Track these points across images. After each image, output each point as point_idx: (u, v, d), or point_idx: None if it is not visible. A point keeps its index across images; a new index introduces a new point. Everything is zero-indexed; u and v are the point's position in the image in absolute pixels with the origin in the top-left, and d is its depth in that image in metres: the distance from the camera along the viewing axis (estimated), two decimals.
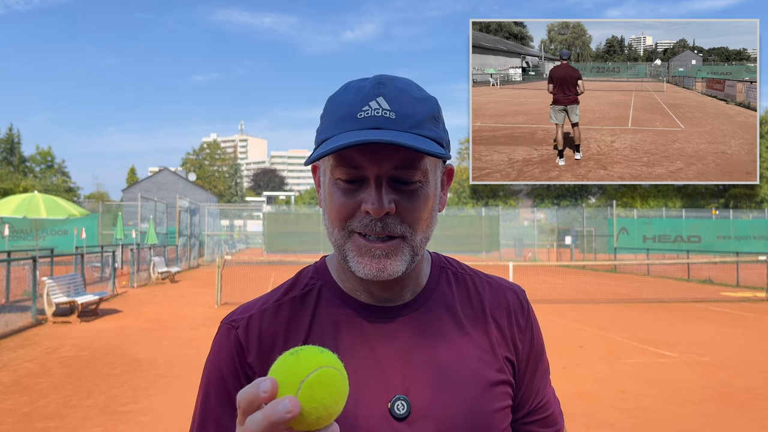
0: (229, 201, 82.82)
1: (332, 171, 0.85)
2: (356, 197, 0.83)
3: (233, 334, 0.90)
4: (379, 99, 0.83)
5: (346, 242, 0.86)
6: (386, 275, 0.84)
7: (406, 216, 0.84)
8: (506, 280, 1.02)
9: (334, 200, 0.85)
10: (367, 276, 0.84)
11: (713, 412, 5.55)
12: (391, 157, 0.82)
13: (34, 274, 11.02)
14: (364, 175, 0.83)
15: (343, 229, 0.85)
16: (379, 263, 0.83)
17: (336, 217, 0.85)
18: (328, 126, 0.85)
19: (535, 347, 0.99)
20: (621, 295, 15.85)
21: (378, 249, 0.83)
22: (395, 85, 0.85)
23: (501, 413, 0.90)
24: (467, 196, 58.06)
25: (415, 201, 0.84)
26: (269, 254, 29.17)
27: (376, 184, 0.82)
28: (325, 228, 0.90)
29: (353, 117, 0.82)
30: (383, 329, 0.89)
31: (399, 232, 0.84)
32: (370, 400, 0.84)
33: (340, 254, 0.87)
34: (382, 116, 0.81)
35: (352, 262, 0.85)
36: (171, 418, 5.28)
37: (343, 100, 0.86)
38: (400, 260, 0.84)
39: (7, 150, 59.07)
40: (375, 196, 0.82)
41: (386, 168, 0.82)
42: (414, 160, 0.83)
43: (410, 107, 0.84)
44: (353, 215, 0.84)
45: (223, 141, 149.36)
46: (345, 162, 0.82)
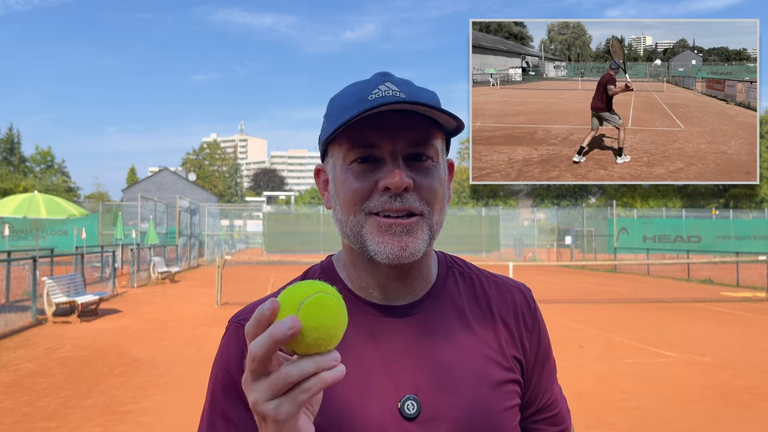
0: (229, 201, 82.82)
1: (345, 157, 0.85)
2: (372, 178, 0.84)
3: (242, 333, 0.89)
4: (387, 83, 0.85)
5: (363, 227, 0.84)
6: (408, 254, 0.83)
7: (424, 193, 0.85)
8: (512, 280, 1.02)
9: (349, 185, 0.85)
10: (389, 256, 0.83)
11: (713, 412, 5.55)
12: (405, 134, 0.83)
13: (34, 274, 11.02)
14: (378, 154, 0.83)
15: (359, 212, 0.84)
16: (401, 241, 0.83)
17: (351, 201, 0.85)
18: (338, 115, 0.86)
19: (543, 346, 0.99)
20: (621, 295, 15.85)
21: (399, 225, 0.83)
22: (399, 76, 0.89)
23: (510, 412, 0.90)
24: (467, 196, 58.02)
25: (431, 178, 0.86)
26: (269, 254, 29.16)
27: (393, 160, 0.83)
28: (337, 222, 0.89)
29: (364, 99, 0.83)
30: (392, 328, 0.89)
31: (418, 209, 0.84)
32: (380, 399, 0.84)
33: (358, 242, 0.86)
34: (392, 95, 0.83)
35: (372, 244, 0.84)
36: (171, 417, 5.28)
37: (348, 93, 0.88)
38: (420, 238, 0.84)
39: (7, 150, 59.07)
40: (393, 170, 0.82)
41: (401, 145, 0.83)
42: (427, 136, 0.85)
43: (417, 91, 0.87)
44: (370, 196, 0.84)
45: (223, 141, 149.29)
46: (360, 142, 0.83)
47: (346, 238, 0.89)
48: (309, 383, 0.60)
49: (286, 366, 0.60)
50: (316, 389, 0.60)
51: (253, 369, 0.61)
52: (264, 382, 0.61)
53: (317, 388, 0.60)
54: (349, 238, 0.87)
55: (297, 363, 0.60)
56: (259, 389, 0.61)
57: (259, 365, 0.60)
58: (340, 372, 0.62)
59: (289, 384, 0.60)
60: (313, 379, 0.60)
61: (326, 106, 0.93)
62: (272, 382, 0.60)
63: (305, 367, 0.60)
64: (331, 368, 0.61)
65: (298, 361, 0.61)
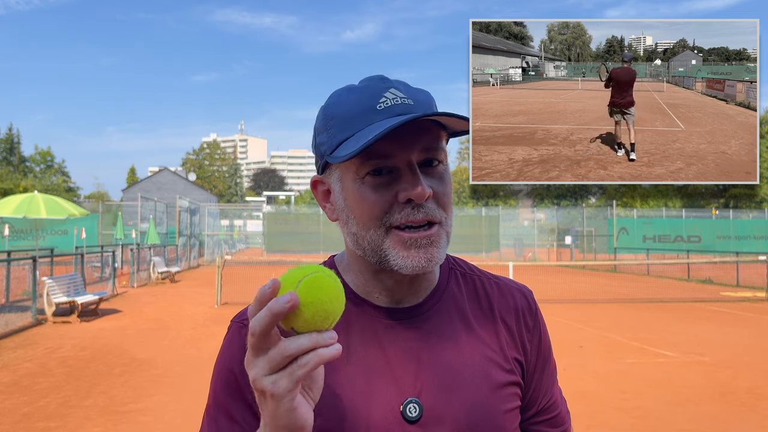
0: (229, 201, 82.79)
1: (358, 170, 0.83)
2: (390, 190, 0.83)
3: (244, 332, 0.88)
4: (392, 90, 0.85)
5: (384, 241, 0.84)
6: (433, 265, 0.84)
7: (440, 199, 0.85)
8: (514, 281, 1.02)
9: (367, 199, 0.83)
10: (414, 269, 0.83)
11: (713, 412, 5.55)
12: (418, 141, 0.83)
13: (34, 274, 11.02)
14: (394, 164, 0.83)
15: (380, 227, 0.83)
16: (427, 253, 0.83)
17: (371, 215, 0.83)
18: (344, 126, 0.84)
19: (543, 348, 0.99)
20: (621, 295, 15.84)
21: (423, 238, 0.83)
22: (396, 80, 0.88)
23: (511, 414, 0.90)
24: (467, 196, 58.04)
25: (444, 184, 0.86)
26: (269, 254, 29.16)
27: (411, 170, 0.82)
28: (350, 235, 0.87)
29: (373, 109, 0.83)
30: (395, 331, 0.89)
31: (437, 217, 0.84)
32: (383, 402, 0.84)
33: (377, 255, 0.85)
34: (402, 103, 0.83)
35: (396, 259, 0.83)
36: (171, 417, 5.28)
37: (348, 101, 0.86)
38: (442, 247, 0.85)
39: (7, 150, 59.06)
40: (414, 181, 0.82)
41: (416, 153, 0.83)
42: (437, 141, 0.85)
43: (419, 95, 0.87)
44: (390, 209, 0.83)
45: (223, 141, 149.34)
46: (374, 154, 0.82)
47: (360, 251, 0.87)
48: (305, 358, 0.62)
49: (284, 341, 0.63)
50: (313, 364, 0.62)
51: (252, 344, 0.63)
52: (263, 358, 0.63)
53: (313, 363, 0.62)
54: (365, 251, 0.86)
55: (294, 338, 0.63)
56: (258, 364, 0.63)
57: (258, 340, 0.62)
58: (336, 350, 0.63)
59: (287, 358, 0.62)
60: (311, 353, 0.62)
61: (319, 117, 0.89)
62: (271, 356, 0.63)
63: (302, 342, 0.62)
64: (328, 346, 0.63)
65: (296, 337, 0.63)
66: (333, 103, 0.88)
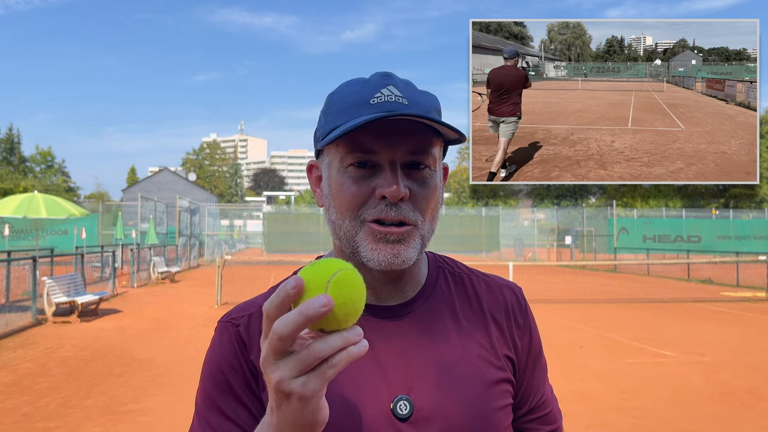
0: (229, 201, 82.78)
1: (342, 159, 0.85)
2: (369, 184, 0.84)
3: (234, 331, 0.89)
4: (390, 87, 0.85)
5: (357, 233, 0.85)
6: (400, 261, 0.83)
7: (418, 203, 0.85)
8: (503, 279, 1.02)
9: (345, 189, 0.84)
10: (381, 264, 0.83)
11: (713, 412, 5.55)
12: (405, 142, 0.83)
13: (34, 274, 11.02)
14: (377, 160, 0.83)
15: (355, 218, 0.84)
16: (394, 248, 0.83)
17: (348, 206, 0.84)
18: (338, 115, 0.85)
19: (534, 345, 0.99)
20: (621, 295, 15.84)
21: (392, 234, 0.83)
22: (401, 78, 0.88)
23: (503, 411, 0.90)
24: (467, 196, 58.05)
25: (426, 188, 0.86)
26: (269, 254, 29.12)
27: (391, 169, 0.83)
28: (330, 223, 0.89)
29: (366, 103, 0.83)
30: (384, 329, 0.89)
31: (412, 219, 0.84)
32: (373, 400, 0.84)
33: (351, 246, 0.86)
34: (395, 101, 0.83)
35: (365, 251, 0.84)
36: (171, 417, 5.28)
37: (349, 92, 0.87)
38: (412, 247, 0.84)
39: (7, 150, 59.04)
40: (392, 180, 0.82)
41: (400, 153, 0.83)
42: (426, 145, 0.85)
43: (419, 96, 0.87)
44: (366, 203, 0.84)
45: (223, 141, 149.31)
46: (359, 147, 0.83)
47: (338, 240, 0.89)
48: (336, 358, 0.60)
49: (316, 342, 0.60)
50: (343, 364, 0.61)
51: (276, 347, 0.60)
52: (290, 360, 0.60)
53: (344, 362, 0.61)
54: (341, 240, 0.87)
55: (326, 339, 0.60)
56: (284, 367, 0.61)
57: (284, 343, 0.60)
58: (365, 346, 0.62)
59: (319, 360, 0.60)
60: (342, 353, 0.61)
61: (324, 101, 0.92)
62: (301, 358, 0.60)
63: (334, 343, 0.60)
64: (357, 343, 0.62)
65: (327, 337, 0.61)
66: (337, 91, 0.90)
